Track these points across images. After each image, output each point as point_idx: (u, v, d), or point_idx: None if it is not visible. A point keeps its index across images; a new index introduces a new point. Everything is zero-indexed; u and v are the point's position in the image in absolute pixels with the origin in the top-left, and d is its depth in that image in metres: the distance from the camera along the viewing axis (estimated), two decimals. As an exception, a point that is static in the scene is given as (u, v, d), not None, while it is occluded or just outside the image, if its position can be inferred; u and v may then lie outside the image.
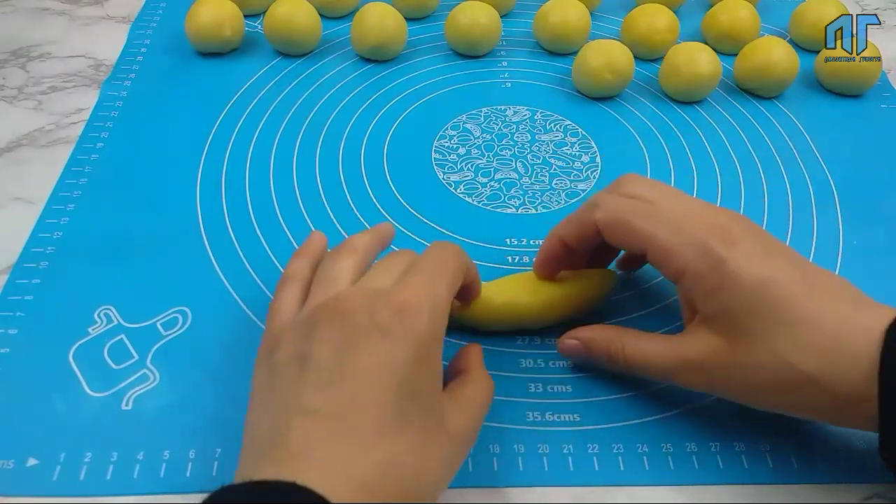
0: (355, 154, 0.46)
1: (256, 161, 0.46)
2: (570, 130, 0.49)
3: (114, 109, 0.49)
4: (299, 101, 0.50)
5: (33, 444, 0.31)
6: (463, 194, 0.44)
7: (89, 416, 0.32)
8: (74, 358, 0.34)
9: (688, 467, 0.31)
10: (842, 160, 0.47)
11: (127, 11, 0.58)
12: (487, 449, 0.32)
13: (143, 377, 0.34)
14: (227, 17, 0.52)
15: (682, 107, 0.51)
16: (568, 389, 0.34)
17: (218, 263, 0.39)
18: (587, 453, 0.32)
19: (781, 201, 0.45)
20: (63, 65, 0.53)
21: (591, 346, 0.33)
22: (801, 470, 0.31)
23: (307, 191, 0.44)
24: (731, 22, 0.54)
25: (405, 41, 0.54)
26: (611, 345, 0.32)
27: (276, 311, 0.30)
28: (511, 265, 0.40)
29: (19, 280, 0.38)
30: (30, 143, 0.46)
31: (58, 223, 0.41)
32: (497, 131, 0.49)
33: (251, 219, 0.42)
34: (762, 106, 0.52)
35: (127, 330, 0.36)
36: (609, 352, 0.32)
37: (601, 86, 0.50)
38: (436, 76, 0.53)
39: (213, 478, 0.30)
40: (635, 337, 0.32)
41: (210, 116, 0.48)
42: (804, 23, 0.56)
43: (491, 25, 0.53)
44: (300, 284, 0.31)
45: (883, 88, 0.53)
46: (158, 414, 0.32)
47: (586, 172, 0.46)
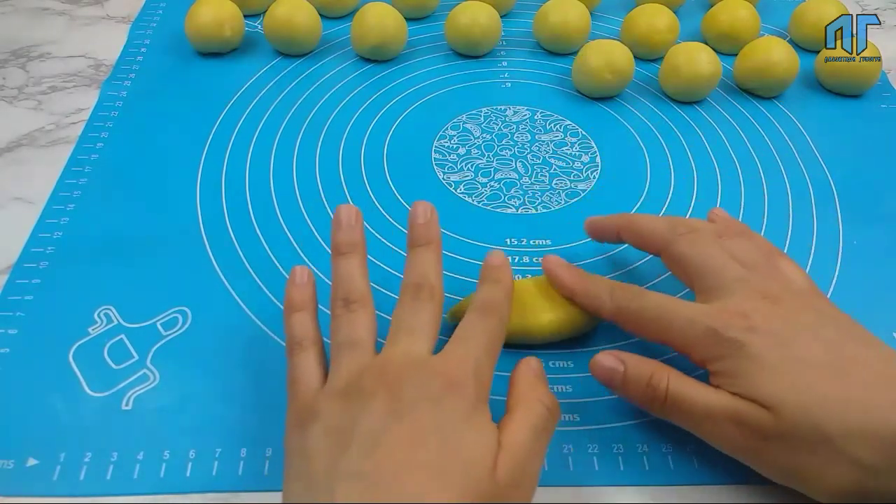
0: (355, 154, 0.46)
1: (256, 161, 0.46)
2: (570, 130, 0.49)
3: (114, 109, 0.49)
4: (299, 101, 0.50)
5: (33, 444, 0.31)
6: (463, 194, 0.44)
7: (89, 416, 0.32)
8: (74, 358, 0.34)
9: (688, 467, 0.31)
10: (842, 160, 0.47)
11: (127, 11, 0.58)
12: (487, 449, 0.32)
13: (143, 377, 0.34)
14: (227, 17, 0.52)
15: (682, 107, 0.51)
16: (568, 389, 0.34)
17: (218, 263, 0.39)
18: (587, 453, 0.32)
19: (781, 201, 0.45)
20: (63, 65, 0.53)
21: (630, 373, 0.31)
22: (801, 470, 0.31)
23: (307, 191, 0.44)
24: (731, 22, 0.54)
25: (405, 41, 0.54)
26: (653, 379, 0.30)
27: (298, 381, 0.29)
28: (511, 265, 0.40)
29: (19, 280, 0.38)
30: (30, 143, 0.46)
31: (58, 223, 0.41)
32: (497, 131, 0.49)
33: (251, 219, 0.42)
34: (762, 106, 0.52)
35: (127, 330, 0.36)
36: (651, 386, 0.30)
37: (601, 86, 0.50)
38: (436, 76, 0.53)
39: (212, 478, 0.30)
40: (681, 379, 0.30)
41: (210, 116, 0.48)
42: (804, 23, 0.56)
43: (491, 25, 0.53)
44: (314, 348, 0.30)
45: (883, 88, 0.53)
46: (158, 414, 0.32)
47: (586, 172, 0.46)
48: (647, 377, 0.30)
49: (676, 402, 0.29)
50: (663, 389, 0.30)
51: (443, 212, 0.43)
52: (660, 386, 0.30)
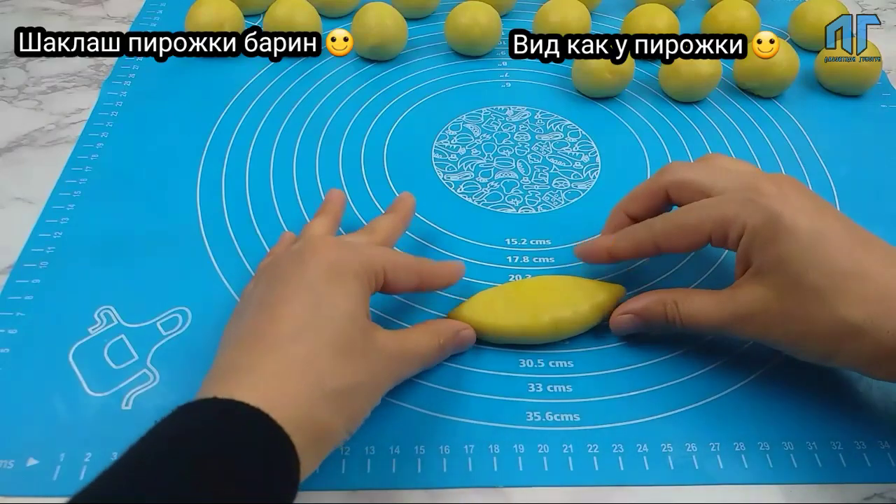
0: (355, 154, 0.46)
1: (256, 161, 0.46)
2: (570, 130, 0.49)
3: (114, 109, 0.49)
4: (299, 101, 0.50)
5: (33, 444, 0.31)
6: (463, 194, 0.44)
7: (89, 416, 0.32)
8: (74, 358, 0.34)
9: (688, 467, 0.31)
10: (842, 160, 0.47)
11: (127, 11, 0.58)
12: (487, 449, 0.32)
13: (143, 377, 0.34)
14: (227, 17, 0.52)
15: (682, 107, 0.51)
16: (568, 389, 0.34)
17: (218, 263, 0.39)
18: (587, 453, 0.32)
19: (781, 201, 0.45)
20: (63, 65, 0.53)
21: (645, 314, 0.34)
22: (801, 470, 0.31)
23: (307, 191, 0.44)
24: (731, 22, 0.54)
25: (405, 41, 0.54)
26: (666, 307, 0.33)
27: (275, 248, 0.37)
28: (511, 265, 0.40)
29: (19, 280, 0.38)
30: (30, 143, 0.46)
31: (58, 223, 0.41)
32: (497, 131, 0.49)
33: (251, 219, 0.42)
34: (762, 106, 0.52)
35: (127, 330, 0.36)
36: (666, 313, 0.33)
37: (601, 86, 0.50)
38: (436, 76, 0.53)
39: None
40: (685, 294, 0.34)
41: (210, 116, 0.48)
42: (804, 23, 0.56)
43: (491, 25, 0.53)
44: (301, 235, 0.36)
45: (883, 88, 0.53)
46: (158, 414, 0.32)
47: (586, 172, 0.46)
48: (661, 313, 0.33)
49: (692, 321, 0.33)
50: (678, 315, 0.33)
51: (443, 212, 0.43)
52: (674, 314, 0.33)
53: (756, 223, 0.31)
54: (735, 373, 0.35)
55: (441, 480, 0.31)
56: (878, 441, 0.32)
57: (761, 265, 0.31)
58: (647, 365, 0.35)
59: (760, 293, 0.31)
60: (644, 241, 0.35)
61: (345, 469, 0.31)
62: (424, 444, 0.32)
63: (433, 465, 0.31)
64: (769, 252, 0.30)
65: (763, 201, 0.31)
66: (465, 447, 0.32)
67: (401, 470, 0.31)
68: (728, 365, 0.35)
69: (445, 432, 0.32)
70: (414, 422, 0.33)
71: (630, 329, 0.35)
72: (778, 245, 0.30)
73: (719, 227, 0.32)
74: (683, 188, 0.34)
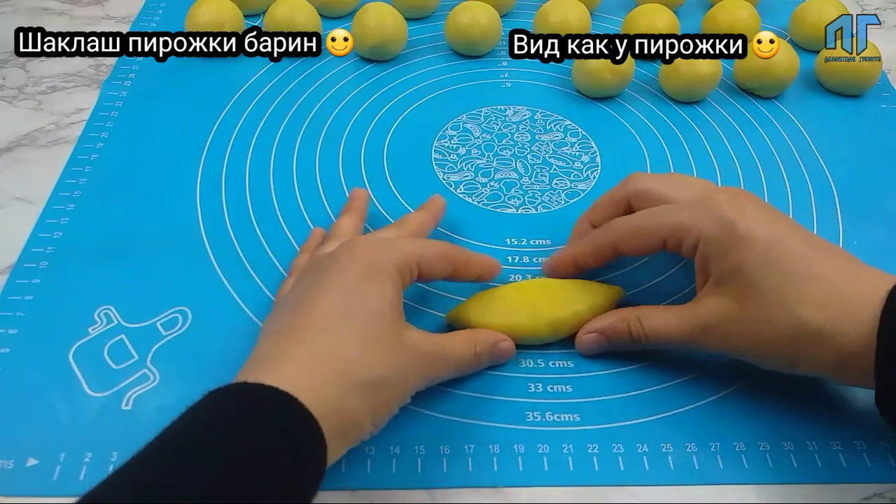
0: (355, 154, 0.46)
1: (256, 161, 0.46)
2: (570, 130, 0.49)
3: (114, 109, 0.49)
4: (299, 101, 0.50)
5: (33, 444, 0.31)
6: (463, 194, 0.44)
7: (89, 416, 0.32)
8: (74, 358, 0.34)
9: (688, 467, 0.31)
10: (842, 160, 0.47)
11: (127, 11, 0.58)
12: (487, 449, 0.32)
13: (143, 377, 0.34)
14: (227, 17, 0.52)
15: (682, 107, 0.51)
16: (568, 389, 0.34)
17: (218, 263, 0.39)
18: (587, 453, 0.32)
19: (781, 201, 0.45)
20: (63, 65, 0.53)
21: (609, 332, 0.34)
22: (801, 470, 0.31)
23: (307, 191, 0.44)
24: (731, 22, 0.54)
25: (405, 41, 0.54)
26: (629, 324, 0.34)
27: None
28: (511, 265, 0.40)
29: (19, 280, 0.38)
30: (30, 143, 0.46)
31: (58, 223, 0.41)
32: (497, 131, 0.49)
33: (251, 219, 0.42)
34: (762, 106, 0.52)
35: (127, 330, 0.36)
36: (630, 330, 0.33)
37: (601, 86, 0.50)
38: (436, 76, 0.53)
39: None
40: (649, 310, 0.34)
41: (210, 116, 0.48)
42: (804, 23, 0.56)
43: (491, 25, 0.53)
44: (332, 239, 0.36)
45: (883, 88, 0.53)
46: (158, 414, 0.32)
47: (586, 172, 0.46)
48: (626, 331, 0.33)
49: (656, 337, 0.33)
50: (642, 332, 0.33)
51: (443, 212, 0.43)
52: (639, 331, 0.33)
53: (711, 232, 0.31)
54: (735, 373, 0.35)
55: (441, 480, 0.31)
56: (878, 441, 0.32)
57: (720, 275, 0.31)
58: (647, 365, 0.35)
59: (721, 303, 0.31)
60: (604, 244, 0.35)
61: (345, 469, 0.31)
62: (424, 444, 0.32)
63: (433, 465, 0.31)
64: (727, 262, 0.31)
65: (718, 210, 0.32)
66: (465, 447, 0.32)
67: (401, 470, 0.31)
68: (728, 365, 0.35)
69: (445, 432, 0.32)
70: (414, 422, 0.33)
71: (595, 348, 0.35)
72: (735, 254, 0.30)
73: (674, 233, 0.33)
74: (644, 197, 0.35)
